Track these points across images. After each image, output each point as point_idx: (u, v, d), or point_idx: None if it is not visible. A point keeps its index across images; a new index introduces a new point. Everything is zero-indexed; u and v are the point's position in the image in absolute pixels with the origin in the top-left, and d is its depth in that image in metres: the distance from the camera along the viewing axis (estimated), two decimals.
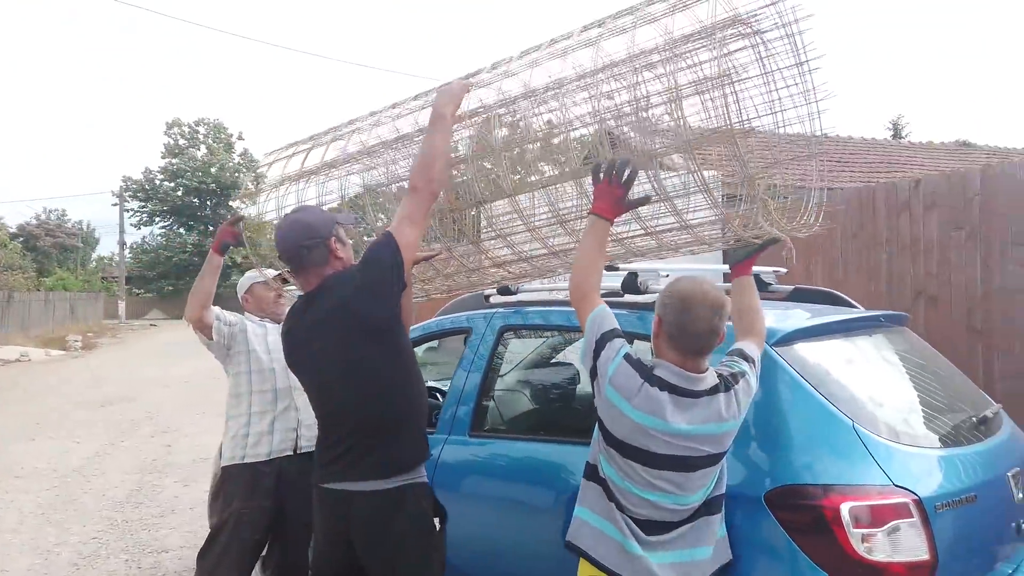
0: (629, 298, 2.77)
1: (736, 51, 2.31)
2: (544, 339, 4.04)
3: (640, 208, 2.39)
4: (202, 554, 3.33)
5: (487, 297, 3.43)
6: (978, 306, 5.18)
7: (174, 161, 52.66)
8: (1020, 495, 2.56)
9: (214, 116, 66.89)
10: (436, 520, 2.43)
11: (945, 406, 2.76)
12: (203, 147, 54.48)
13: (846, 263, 6.26)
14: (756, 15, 2.29)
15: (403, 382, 2.38)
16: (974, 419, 2.70)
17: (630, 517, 2.13)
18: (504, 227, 3.03)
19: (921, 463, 2.31)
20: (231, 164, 54.19)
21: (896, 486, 2.17)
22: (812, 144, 2.57)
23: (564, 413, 3.88)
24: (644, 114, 2.48)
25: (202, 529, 5.60)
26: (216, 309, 3.38)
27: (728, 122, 2.28)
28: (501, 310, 3.30)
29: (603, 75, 2.55)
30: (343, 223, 2.54)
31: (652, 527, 2.12)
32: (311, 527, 3.25)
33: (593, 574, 2.19)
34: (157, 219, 54.15)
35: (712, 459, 2.11)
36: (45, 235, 52.16)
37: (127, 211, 48.20)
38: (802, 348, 2.52)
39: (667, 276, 2.86)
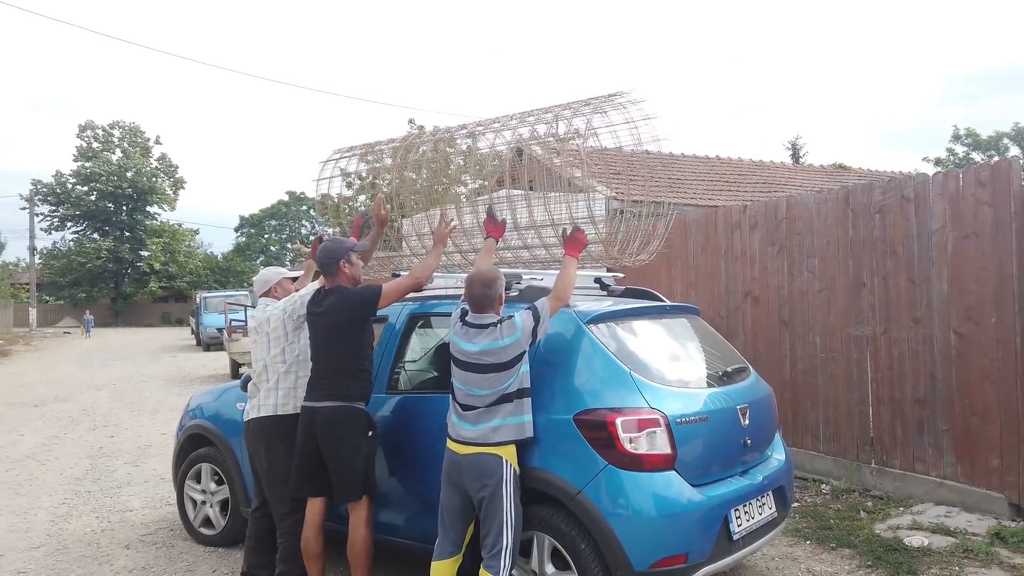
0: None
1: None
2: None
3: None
4: (288, 531, 4.09)
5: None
6: (785, 304, 6.70)
7: (87, 165, 51.61)
8: (746, 422, 3.93)
9: (130, 119, 65.57)
10: (370, 433, 3.98)
11: (704, 365, 4.14)
12: (118, 151, 53.51)
13: (697, 269, 7.74)
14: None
15: (360, 351, 3.99)
16: (720, 373, 4.08)
17: (456, 401, 3.59)
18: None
19: (672, 396, 3.64)
20: (148, 169, 53.42)
21: (651, 407, 3.50)
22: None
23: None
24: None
25: (159, 496, 6.58)
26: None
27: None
28: (411, 303, 4.53)
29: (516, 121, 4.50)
30: (357, 249, 4.12)
31: (465, 408, 3.56)
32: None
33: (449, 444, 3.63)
34: (69, 224, 52.92)
35: (495, 367, 3.48)
36: None
37: (36, 215, 46.99)
38: (604, 324, 3.83)
39: (537, 279, 4.18)
